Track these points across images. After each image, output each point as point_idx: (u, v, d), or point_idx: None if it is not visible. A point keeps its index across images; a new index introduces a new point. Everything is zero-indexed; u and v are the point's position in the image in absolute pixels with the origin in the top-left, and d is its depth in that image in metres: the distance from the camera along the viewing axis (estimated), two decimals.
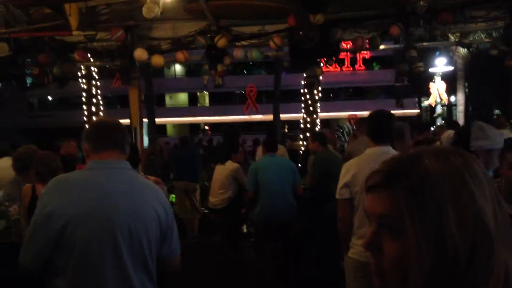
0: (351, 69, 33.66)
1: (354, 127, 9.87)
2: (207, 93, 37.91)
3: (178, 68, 38.25)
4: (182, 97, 40.30)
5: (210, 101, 39.32)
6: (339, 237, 3.23)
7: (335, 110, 31.68)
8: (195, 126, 38.65)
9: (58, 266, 1.93)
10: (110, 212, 1.96)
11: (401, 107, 24.73)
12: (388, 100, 31.33)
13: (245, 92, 21.89)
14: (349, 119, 14.75)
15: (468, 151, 2.24)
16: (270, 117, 21.82)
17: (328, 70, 33.07)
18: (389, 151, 3.01)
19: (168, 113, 34.93)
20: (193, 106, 38.94)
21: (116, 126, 2.16)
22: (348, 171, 3.11)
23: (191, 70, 36.86)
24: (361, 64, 33.99)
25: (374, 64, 37.97)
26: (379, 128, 3.07)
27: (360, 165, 3.08)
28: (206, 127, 38.94)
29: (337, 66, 32.51)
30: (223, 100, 36.33)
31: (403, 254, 0.75)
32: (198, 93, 38.95)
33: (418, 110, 34.77)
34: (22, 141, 13.76)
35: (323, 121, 11.35)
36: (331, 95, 38.00)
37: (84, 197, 1.96)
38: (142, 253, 2.01)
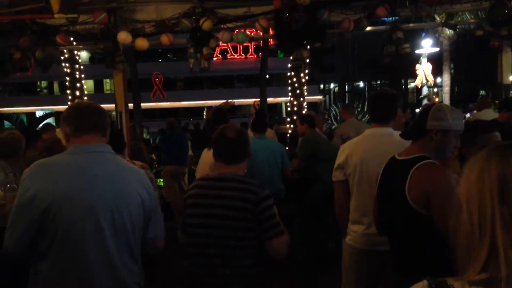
0: (255, 56, 34.92)
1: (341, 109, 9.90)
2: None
3: (84, 55, 37.69)
4: (89, 83, 39.23)
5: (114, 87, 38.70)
6: (336, 219, 3.21)
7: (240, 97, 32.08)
8: None
9: (42, 249, 1.94)
10: (92, 196, 1.95)
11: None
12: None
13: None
14: (254, 105, 14.95)
15: (424, 130, 2.27)
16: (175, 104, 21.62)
17: (233, 57, 34.21)
18: (390, 133, 2.96)
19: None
20: (98, 94, 37.16)
21: (97, 109, 2.14)
22: (343, 152, 3.09)
23: (95, 57, 36.12)
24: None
25: (279, 51, 38.39)
26: (379, 108, 3.01)
27: (355, 147, 3.05)
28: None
29: (241, 53, 34.07)
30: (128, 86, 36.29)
31: None
32: (104, 80, 38.63)
33: (320, 96, 35.89)
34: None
35: (310, 104, 11.40)
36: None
37: (66, 181, 1.95)
38: (126, 235, 2.02)
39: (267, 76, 38.85)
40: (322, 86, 50.52)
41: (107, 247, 1.96)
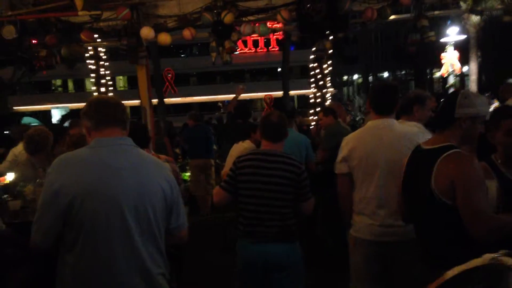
0: (265, 49, 34.94)
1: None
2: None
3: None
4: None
5: (128, 84, 39.08)
6: (340, 212, 3.21)
7: (254, 91, 31.77)
8: None
9: (68, 242, 1.98)
10: (116, 188, 1.99)
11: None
12: (302, 80, 31.81)
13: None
14: (265, 98, 14.76)
15: (453, 119, 2.24)
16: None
17: (243, 51, 34.18)
18: (392, 124, 2.97)
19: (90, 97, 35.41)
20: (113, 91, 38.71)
21: (116, 103, 2.17)
22: (347, 145, 3.09)
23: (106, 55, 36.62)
24: (275, 45, 34.64)
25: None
26: (381, 99, 3.02)
27: (358, 139, 3.05)
28: None
29: (252, 47, 33.56)
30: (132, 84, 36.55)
31: None
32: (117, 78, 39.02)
33: (331, 89, 35.72)
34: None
35: (333, 95, 11.30)
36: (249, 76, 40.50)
37: (89, 174, 1.98)
38: (150, 226, 2.05)
39: (279, 70, 39.32)
40: (345, 77, 50.02)
41: (132, 239, 1.99)
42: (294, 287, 3.10)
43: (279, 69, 41.84)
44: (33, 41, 6.42)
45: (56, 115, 30.03)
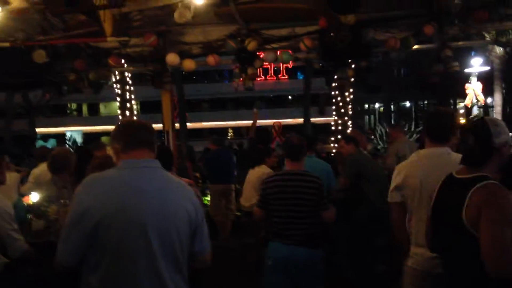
0: (275, 78, 35.02)
1: (388, 130, 9.73)
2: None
3: None
4: (115, 106, 40.35)
5: (140, 109, 39.71)
6: (395, 243, 3.11)
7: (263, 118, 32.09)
8: None
9: (92, 263, 1.98)
10: (142, 211, 1.99)
11: (321, 114, 26.69)
12: (313, 108, 31.83)
13: None
14: (274, 125, 14.84)
15: (492, 149, 2.20)
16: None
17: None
18: (447, 152, 2.85)
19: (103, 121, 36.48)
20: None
21: (144, 126, 2.21)
22: (399, 173, 2.98)
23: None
24: (284, 74, 34.96)
25: (299, 73, 38.34)
26: (437, 127, 2.91)
27: (411, 167, 2.95)
28: None
29: (261, 75, 33.75)
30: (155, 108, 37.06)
31: None
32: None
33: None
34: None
35: (354, 124, 11.30)
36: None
37: (116, 195, 2.00)
38: (173, 250, 2.04)
39: (289, 97, 39.25)
40: (366, 106, 49.86)
41: (156, 261, 1.99)
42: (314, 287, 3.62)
43: (289, 97, 42.49)
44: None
45: (77, 137, 30.64)
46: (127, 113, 8.54)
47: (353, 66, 7.21)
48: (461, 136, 2.38)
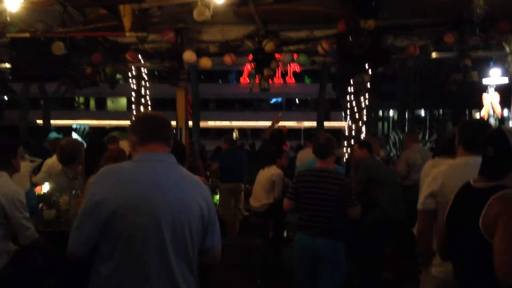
0: (282, 81, 34.82)
1: (403, 137, 9.65)
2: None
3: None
4: (123, 101, 40.65)
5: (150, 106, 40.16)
6: (419, 251, 3.05)
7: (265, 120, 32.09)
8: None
9: (104, 253, 2.00)
10: (156, 204, 2.00)
11: (327, 119, 26.52)
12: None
13: None
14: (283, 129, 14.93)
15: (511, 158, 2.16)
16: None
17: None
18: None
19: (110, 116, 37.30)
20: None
21: (162, 120, 2.21)
22: (435, 180, 2.90)
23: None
24: (291, 76, 35.03)
25: (306, 77, 37.98)
26: (473, 137, 2.88)
27: (448, 175, 2.88)
28: None
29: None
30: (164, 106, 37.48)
31: None
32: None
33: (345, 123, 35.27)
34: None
35: (368, 130, 11.24)
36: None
37: (131, 187, 2.01)
38: (185, 244, 2.05)
39: (297, 101, 38.91)
40: (381, 112, 49.57)
41: (167, 254, 2.00)
42: (336, 277, 3.87)
43: (297, 101, 42.50)
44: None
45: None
46: (141, 108, 8.59)
47: (369, 71, 7.16)
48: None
